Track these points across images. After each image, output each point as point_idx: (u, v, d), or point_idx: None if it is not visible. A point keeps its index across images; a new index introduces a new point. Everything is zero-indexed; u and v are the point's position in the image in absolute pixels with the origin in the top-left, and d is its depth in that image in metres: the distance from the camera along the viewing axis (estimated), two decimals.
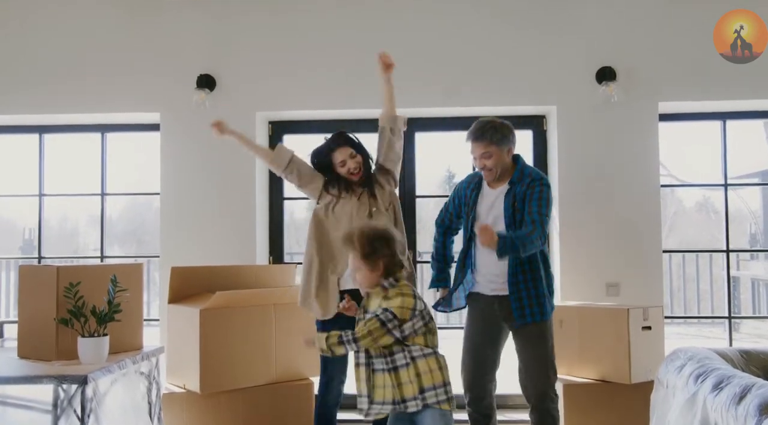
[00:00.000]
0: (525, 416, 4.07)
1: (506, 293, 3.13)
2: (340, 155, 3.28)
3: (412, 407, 2.60)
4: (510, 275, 3.11)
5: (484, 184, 3.28)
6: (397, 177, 3.47)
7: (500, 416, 4.14)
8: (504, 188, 3.20)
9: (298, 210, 7.47)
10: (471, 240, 3.25)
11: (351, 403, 3.55)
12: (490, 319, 3.21)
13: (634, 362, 3.62)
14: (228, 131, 3.49)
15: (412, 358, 2.62)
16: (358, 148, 3.34)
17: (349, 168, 3.27)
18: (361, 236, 2.67)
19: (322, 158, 3.35)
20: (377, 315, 2.57)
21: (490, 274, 3.18)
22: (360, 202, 3.26)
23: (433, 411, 2.61)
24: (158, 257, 4.53)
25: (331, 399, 3.28)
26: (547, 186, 3.16)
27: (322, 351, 2.62)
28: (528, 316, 3.11)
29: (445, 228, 3.47)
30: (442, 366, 2.67)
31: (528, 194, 3.12)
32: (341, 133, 3.38)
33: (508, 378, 3.49)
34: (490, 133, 3.16)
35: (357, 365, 2.68)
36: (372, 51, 4.38)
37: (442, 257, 3.45)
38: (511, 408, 4.27)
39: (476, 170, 3.40)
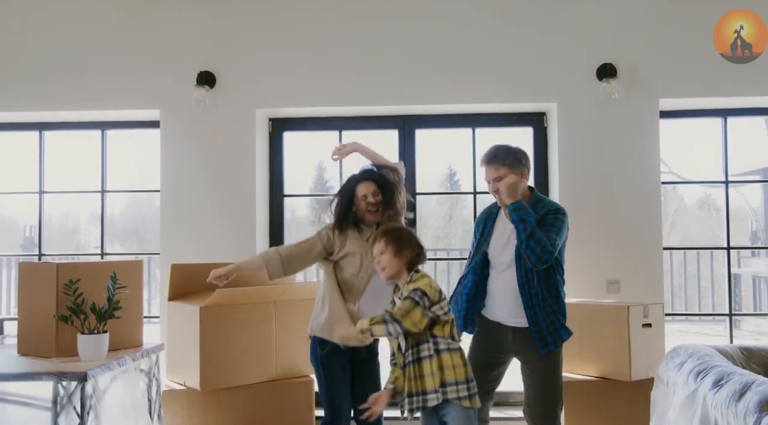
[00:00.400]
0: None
1: (522, 325, 3.06)
2: (364, 188, 3.16)
3: (432, 400, 2.60)
4: (526, 307, 3.04)
5: (501, 213, 3.22)
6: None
7: (501, 413, 4.17)
8: None
9: (299, 208, 7.48)
10: (485, 268, 3.18)
11: None
12: (498, 347, 3.16)
13: (634, 359, 3.62)
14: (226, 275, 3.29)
15: (437, 350, 2.63)
16: (383, 188, 3.19)
17: (369, 203, 3.15)
18: (393, 228, 2.81)
19: (348, 186, 3.23)
20: (408, 296, 2.61)
21: (508, 304, 3.10)
22: (369, 244, 3.10)
23: (456, 408, 2.62)
24: (159, 254, 4.53)
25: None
26: (563, 215, 3.09)
27: (362, 333, 2.60)
28: (556, 343, 3.07)
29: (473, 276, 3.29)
30: (466, 362, 2.68)
31: (542, 220, 3.04)
32: (372, 169, 3.27)
33: (509, 374, 3.47)
34: (503, 155, 3.11)
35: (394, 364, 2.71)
36: (372, 48, 4.42)
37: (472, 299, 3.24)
38: (512, 406, 4.27)
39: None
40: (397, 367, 2.71)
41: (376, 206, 3.15)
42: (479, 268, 3.17)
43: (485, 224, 3.26)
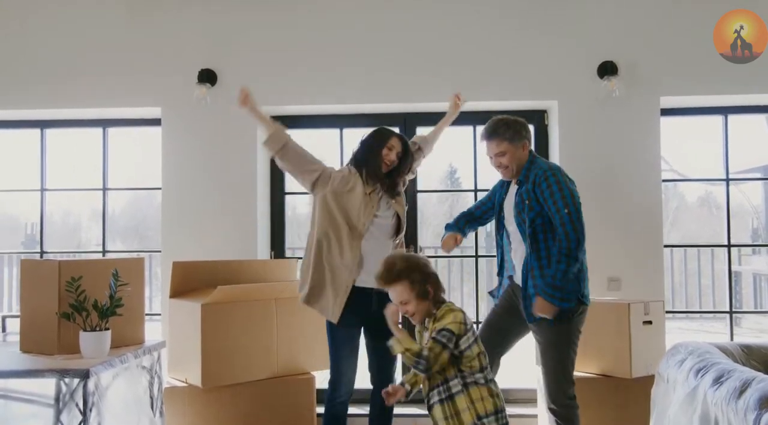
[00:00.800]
0: (529, 410, 4.12)
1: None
2: (395, 143, 3.32)
3: None
4: (522, 267, 3.10)
5: (511, 184, 3.28)
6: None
7: (520, 410, 4.17)
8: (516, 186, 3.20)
9: (300, 205, 7.48)
10: (503, 236, 3.27)
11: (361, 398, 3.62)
12: (514, 308, 3.21)
13: (634, 356, 3.63)
14: (251, 106, 3.49)
15: (465, 384, 2.60)
16: (405, 156, 3.36)
17: (392, 157, 3.29)
18: (409, 268, 2.63)
19: (382, 133, 3.37)
20: (437, 339, 2.53)
21: (516, 261, 3.20)
22: (369, 198, 3.26)
23: None
24: (159, 252, 4.54)
25: (342, 395, 3.27)
26: (555, 176, 3.06)
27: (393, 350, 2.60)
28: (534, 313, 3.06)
29: (468, 213, 3.50)
30: (494, 394, 2.65)
31: (538, 192, 3.05)
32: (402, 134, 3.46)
33: (511, 372, 3.49)
34: (502, 130, 3.14)
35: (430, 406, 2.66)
36: (373, 46, 4.42)
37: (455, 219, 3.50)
38: (513, 403, 4.28)
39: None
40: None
41: (395, 162, 3.31)
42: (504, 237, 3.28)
43: (500, 191, 3.35)
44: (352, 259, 3.19)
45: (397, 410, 3.51)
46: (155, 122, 4.56)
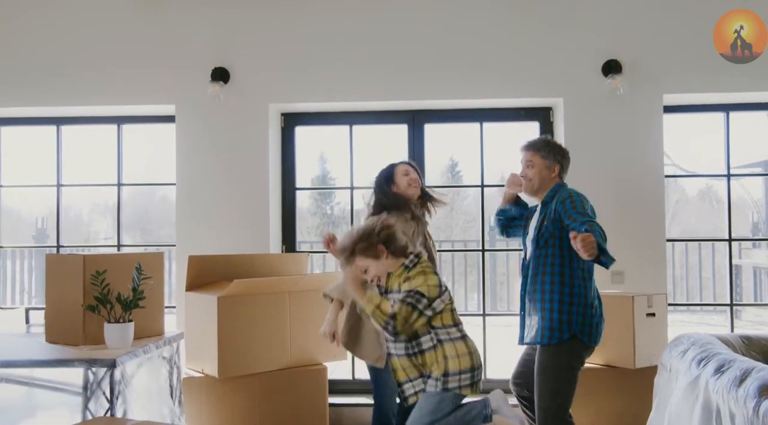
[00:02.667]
0: None
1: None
2: (403, 168, 3.35)
3: (431, 386, 2.64)
4: (530, 286, 3.14)
5: (533, 211, 3.33)
6: None
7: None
8: (539, 208, 3.25)
9: (301, 199, 7.59)
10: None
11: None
12: None
13: (638, 347, 3.73)
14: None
15: (439, 341, 2.65)
16: (417, 171, 3.41)
17: (410, 177, 3.31)
18: (354, 242, 2.70)
19: (386, 172, 3.36)
20: (406, 301, 2.57)
21: None
22: (413, 223, 3.24)
23: (431, 392, 2.65)
24: (171, 246, 4.62)
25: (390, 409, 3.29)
26: (576, 194, 3.09)
27: (361, 302, 2.67)
28: (543, 338, 3.03)
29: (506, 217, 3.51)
30: (471, 351, 2.69)
31: (560, 209, 3.06)
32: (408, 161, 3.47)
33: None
34: (541, 145, 3.26)
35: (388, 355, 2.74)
36: (384, 43, 4.50)
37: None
38: None
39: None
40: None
41: (417, 182, 3.34)
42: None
43: (527, 219, 3.38)
44: None
45: None
46: (169, 118, 4.65)
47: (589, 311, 3.06)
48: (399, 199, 3.26)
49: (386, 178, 3.34)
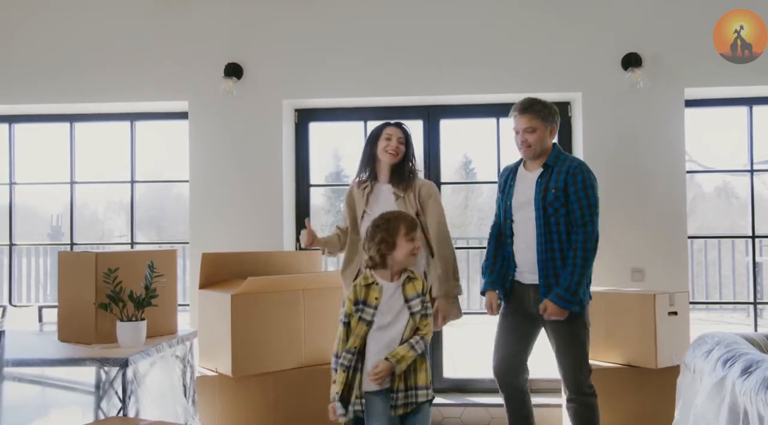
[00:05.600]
0: (549, 400, 4.16)
1: (535, 282, 3.10)
2: (391, 131, 3.32)
3: (422, 397, 2.69)
4: (540, 262, 3.07)
5: (520, 169, 3.25)
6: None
7: (537, 400, 4.18)
8: (537, 171, 3.16)
9: (315, 196, 7.57)
10: (509, 225, 3.22)
11: None
12: (524, 310, 3.18)
13: (660, 347, 3.66)
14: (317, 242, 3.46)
15: (426, 350, 2.75)
16: (408, 142, 3.35)
17: (390, 144, 3.29)
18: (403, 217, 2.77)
19: (375, 132, 3.38)
20: (427, 314, 2.72)
21: (527, 262, 3.14)
22: (362, 192, 3.35)
23: (427, 409, 2.73)
24: (185, 243, 4.60)
25: None
26: (590, 172, 3.10)
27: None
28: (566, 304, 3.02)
29: (496, 234, 3.34)
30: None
31: (570, 182, 3.03)
32: (401, 122, 3.43)
33: (532, 362, 3.51)
34: (538, 107, 3.14)
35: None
36: (397, 39, 4.45)
37: (491, 258, 3.32)
38: (536, 392, 4.31)
39: (509, 163, 3.41)
40: (405, 346, 2.65)
41: (398, 151, 3.29)
42: (506, 227, 3.23)
43: (507, 180, 3.28)
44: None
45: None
46: (182, 115, 4.62)
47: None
48: (368, 162, 3.35)
49: (374, 135, 3.37)
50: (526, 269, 3.15)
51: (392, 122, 3.40)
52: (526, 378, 3.28)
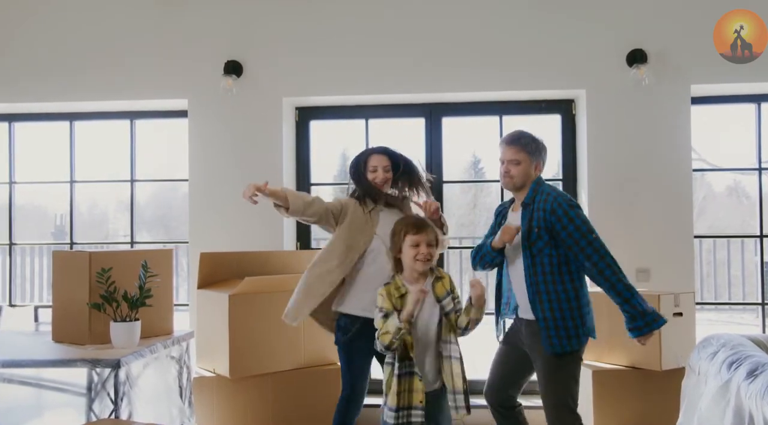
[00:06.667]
0: (536, 402, 4.08)
1: (528, 317, 2.97)
2: (375, 161, 3.18)
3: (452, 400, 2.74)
4: (531, 302, 2.94)
5: (510, 210, 3.16)
6: None
7: (528, 402, 4.13)
8: (519, 212, 3.06)
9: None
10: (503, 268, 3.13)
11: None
12: (516, 342, 3.09)
13: (664, 348, 3.59)
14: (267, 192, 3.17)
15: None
16: (396, 164, 3.21)
17: (380, 176, 3.16)
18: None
19: (359, 158, 3.24)
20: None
21: (522, 299, 3.01)
22: (369, 216, 3.15)
23: None
24: (186, 242, 4.57)
25: (355, 417, 3.21)
26: (567, 201, 2.95)
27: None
28: (556, 345, 2.89)
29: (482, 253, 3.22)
30: None
31: (554, 221, 2.89)
32: (385, 147, 3.26)
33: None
34: (527, 141, 3.03)
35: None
36: (399, 36, 4.39)
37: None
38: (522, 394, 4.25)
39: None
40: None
41: (384, 181, 3.18)
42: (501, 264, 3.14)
43: (499, 219, 3.20)
44: (338, 276, 3.09)
45: None
46: (182, 113, 4.58)
47: (590, 307, 3.03)
48: (372, 190, 3.17)
49: (359, 165, 3.21)
50: (522, 305, 3.02)
51: (375, 148, 3.24)
52: (517, 402, 3.20)
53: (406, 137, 4.90)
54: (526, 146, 3.03)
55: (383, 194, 3.18)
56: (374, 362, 3.20)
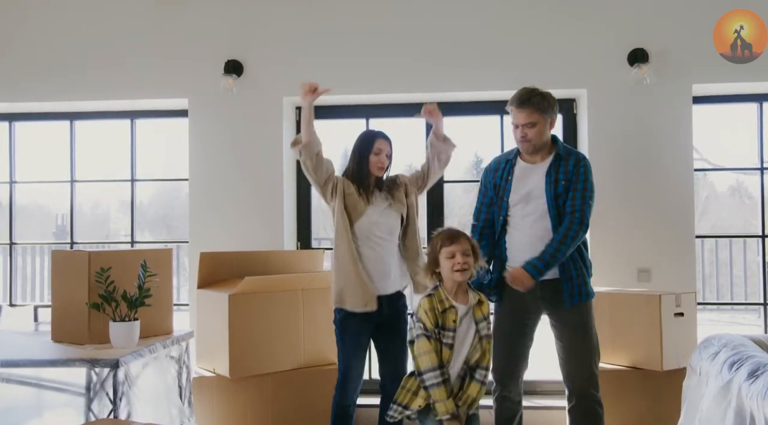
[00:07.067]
0: (553, 402, 4.08)
1: (548, 277, 2.99)
2: (381, 145, 3.22)
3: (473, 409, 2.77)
4: None
5: (518, 162, 3.13)
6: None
7: (529, 402, 4.13)
8: (545, 163, 3.06)
9: (316, 195, 7.53)
10: (504, 225, 3.13)
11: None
12: (525, 308, 3.09)
13: (666, 349, 3.58)
14: (310, 102, 3.29)
15: None
16: (390, 155, 3.28)
17: (381, 159, 3.20)
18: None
19: (367, 138, 3.26)
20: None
21: (529, 257, 3.01)
22: (360, 198, 3.20)
23: None
24: (187, 242, 4.57)
25: (352, 396, 3.23)
26: (590, 169, 3.07)
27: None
28: (581, 295, 3.02)
29: (481, 226, 3.23)
30: None
31: (578, 172, 2.99)
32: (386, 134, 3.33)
33: (537, 364, 3.45)
34: (537, 99, 3.02)
35: None
36: (400, 35, 4.38)
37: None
38: (540, 395, 4.25)
39: (502, 155, 3.32)
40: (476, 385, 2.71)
41: (384, 166, 3.23)
42: (499, 224, 3.12)
43: (502, 174, 3.15)
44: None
45: None
46: (182, 113, 4.58)
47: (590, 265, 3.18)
48: (365, 174, 3.22)
49: (367, 144, 3.24)
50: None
51: (382, 133, 3.29)
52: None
53: (407, 137, 4.89)
54: (538, 105, 3.02)
55: (374, 180, 3.24)
56: (375, 363, 3.20)
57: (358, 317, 3.12)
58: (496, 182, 3.18)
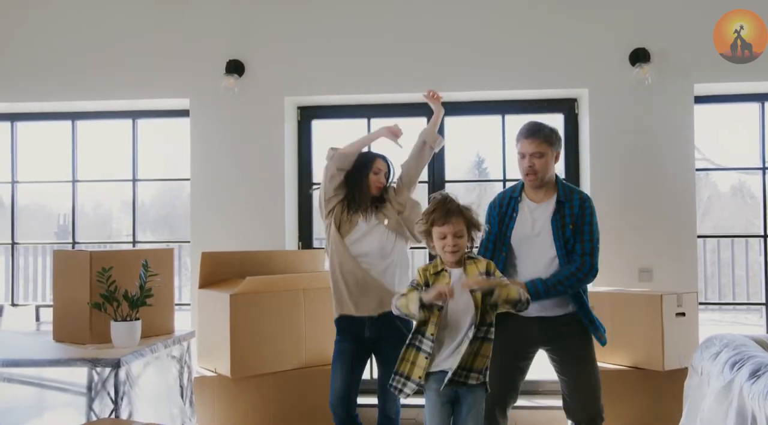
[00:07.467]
0: (553, 402, 4.08)
1: (550, 314, 2.96)
2: (380, 165, 3.27)
3: (473, 380, 2.62)
4: (571, 297, 2.97)
5: (524, 198, 3.09)
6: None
7: (530, 402, 4.13)
8: (549, 205, 3.02)
9: (317, 195, 7.52)
10: (502, 259, 3.06)
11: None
12: (523, 343, 3.03)
13: (667, 349, 3.58)
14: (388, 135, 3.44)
15: (492, 337, 2.66)
16: (388, 173, 3.34)
17: (380, 178, 3.25)
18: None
19: (367, 157, 3.29)
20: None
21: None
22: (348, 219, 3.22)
23: (482, 393, 2.66)
24: (189, 242, 4.57)
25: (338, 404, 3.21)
26: (594, 207, 3.03)
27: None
28: (599, 328, 3.01)
29: None
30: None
31: (579, 218, 2.96)
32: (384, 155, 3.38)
33: (537, 364, 3.43)
34: (546, 132, 3.00)
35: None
36: (402, 34, 4.38)
37: None
38: (542, 395, 4.25)
39: (508, 188, 3.29)
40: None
41: (381, 185, 3.27)
42: (500, 262, 3.04)
43: (506, 210, 3.11)
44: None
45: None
46: (184, 113, 4.58)
47: None
48: (363, 193, 3.23)
49: (366, 164, 3.26)
50: (538, 305, 2.93)
51: (380, 154, 3.34)
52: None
53: (407, 137, 4.88)
54: (547, 137, 3.01)
55: (371, 198, 3.24)
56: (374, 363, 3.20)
57: (345, 338, 3.17)
58: (500, 218, 3.13)
